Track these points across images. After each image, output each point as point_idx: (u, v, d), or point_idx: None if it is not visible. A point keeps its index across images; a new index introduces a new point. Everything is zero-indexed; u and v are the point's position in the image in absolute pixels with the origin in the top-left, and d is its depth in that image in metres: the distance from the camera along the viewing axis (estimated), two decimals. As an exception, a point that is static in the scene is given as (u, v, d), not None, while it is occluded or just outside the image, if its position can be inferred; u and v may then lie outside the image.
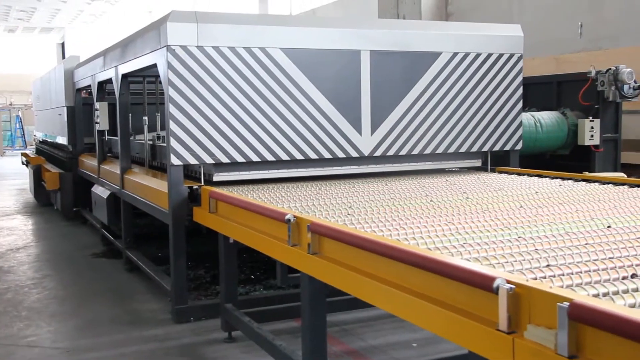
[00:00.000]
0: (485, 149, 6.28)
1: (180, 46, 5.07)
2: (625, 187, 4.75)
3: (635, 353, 1.67)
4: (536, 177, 5.52)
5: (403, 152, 5.93)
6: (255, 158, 5.39)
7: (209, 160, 5.25)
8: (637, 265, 2.41)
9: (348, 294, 3.04)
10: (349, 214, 3.72)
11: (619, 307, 1.83)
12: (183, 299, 5.38)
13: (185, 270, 5.41)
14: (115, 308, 5.86)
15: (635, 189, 4.63)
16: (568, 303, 1.82)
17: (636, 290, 2.09)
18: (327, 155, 5.64)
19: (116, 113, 7.01)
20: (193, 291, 6.03)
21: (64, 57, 33.82)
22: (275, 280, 5.92)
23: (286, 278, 4.38)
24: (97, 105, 7.93)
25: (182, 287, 5.37)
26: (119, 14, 31.86)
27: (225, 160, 5.30)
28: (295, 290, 5.44)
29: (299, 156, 5.54)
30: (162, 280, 5.86)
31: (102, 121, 7.82)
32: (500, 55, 6.22)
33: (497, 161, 6.43)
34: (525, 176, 5.64)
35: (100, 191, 7.61)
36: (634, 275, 2.26)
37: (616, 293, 2.06)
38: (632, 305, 1.95)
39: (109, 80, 7.31)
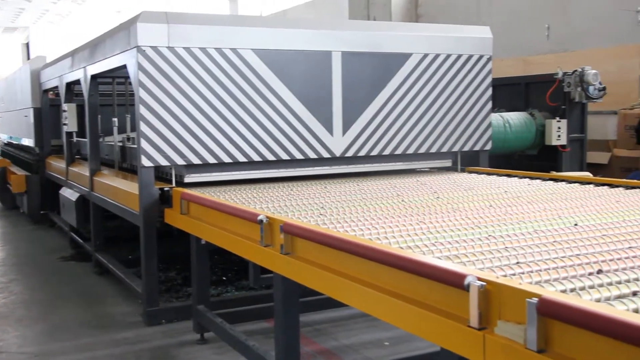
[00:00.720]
0: (456, 149, 6.35)
1: (150, 47, 5.04)
2: (591, 186, 4.85)
3: (601, 345, 1.71)
4: (505, 177, 5.59)
5: (374, 152, 5.97)
6: (226, 159, 5.38)
7: (180, 161, 5.22)
8: (602, 261, 2.46)
9: (321, 293, 3.06)
10: (321, 214, 3.74)
11: (585, 302, 1.88)
12: (154, 301, 5.34)
13: (156, 272, 5.37)
14: (85, 311, 5.80)
15: (601, 187, 4.73)
16: (537, 299, 1.86)
17: (601, 285, 2.14)
18: (299, 155, 5.65)
19: (84, 114, 6.93)
20: (164, 293, 5.98)
21: (29, 57, 33.31)
22: (247, 281, 5.93)
23: (259, 279, 4.39)
24: (65, 106, 7.83)
25: (153, 290, 5.34)
26: (87, 14, 31.45)
27: (196, 161, 5.28)
28: (267, 290, 5.44)
29: (270, 157, 5.54)
30: (133, 283, 5.81)
31: (70, 123, 7.73)
32: (470, 57, 6.30)
33: (467, 161, 6.50)
34: (495, 176, 5.72)
35: (69, 194, 7.52)
36: (599, 271, 2.31)
37: (583, 289, 2.11)
38: (598, 300, 2.00)
39: (77, 81, 7.23)
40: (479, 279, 2.10)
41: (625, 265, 2.41)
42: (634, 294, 2.03)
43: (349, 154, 5.86)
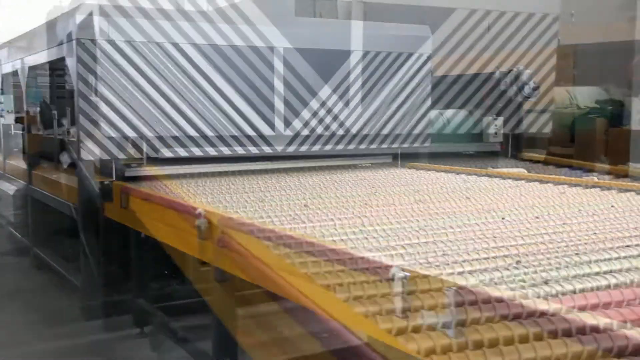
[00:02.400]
0: (396, 145, 6.48)
1: (90, 40, 4.99)
2: (523, 182, 5.04)
3: (512, 330, 1.83)
4: (443, 173, 5.75)
5: (316, 148, 6.05)
6: (168, 154, 5.37)
7: (120, 155, 5.19)
8: (523, 253, 2.60)
9: (258, 286, 3.12)
10: (259, 208, 3.80)
11: (499, 291, 2.00)
12: (94, 295, 5.30)
13: (96, 266, 5.33)
14: (23, 306, 5.71)
15: (532, 183, 4.92)
16: (454, 288, 1.97)
17: (517, 275, 2.27)
18: (240, 151, 5.68)
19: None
20: (104, 287, 5.93)
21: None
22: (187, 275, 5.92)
23: (197, 272, 4.41)
24: (1, 98, 7.65)
25: (93, 283, 5.30)
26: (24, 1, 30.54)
27: (137, 155, 5.26)
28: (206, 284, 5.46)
29: (212, 152, 5.56)
30: (73, 277, 5.75)
31: (7, 115, 7.56)
32: (410, 55, 6.44)
33: (407, 157, 6.63)
34: (434, 172, 5.87)
35: (6, 187, 7.36)
36: (518, 262, 2.45)
37: (501, 279, 2.24)
38: (513, 289, 2.12)
39: (15, 73, 7.08)
40: (404, 270, 2.20)
41: (543, 257, 2.56)
42: (545, 282, 2.17)
43: (291, 149, 5.93)
